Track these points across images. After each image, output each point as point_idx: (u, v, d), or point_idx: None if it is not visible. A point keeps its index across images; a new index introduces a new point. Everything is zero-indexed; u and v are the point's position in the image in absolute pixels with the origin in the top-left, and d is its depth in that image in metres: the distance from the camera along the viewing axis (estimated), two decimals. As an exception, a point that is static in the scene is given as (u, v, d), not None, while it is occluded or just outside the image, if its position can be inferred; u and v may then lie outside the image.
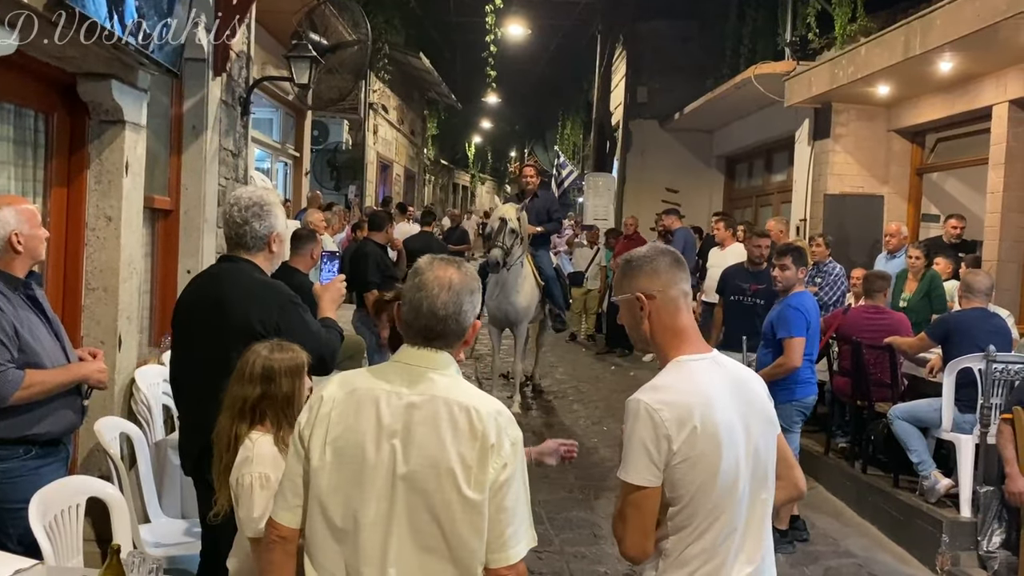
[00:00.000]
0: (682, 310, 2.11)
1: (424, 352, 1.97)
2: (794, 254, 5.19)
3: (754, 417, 2.08)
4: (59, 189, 4.02)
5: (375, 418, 1.91)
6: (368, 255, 6.99)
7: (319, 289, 3.32)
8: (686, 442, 1.94)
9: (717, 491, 1.97)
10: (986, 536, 4.84)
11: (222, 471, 2.59)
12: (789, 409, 5.06)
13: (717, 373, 2.07)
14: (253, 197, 3.05)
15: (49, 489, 2.86)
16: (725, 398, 2.03)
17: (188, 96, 5.28)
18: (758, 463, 2.07)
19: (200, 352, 2.95)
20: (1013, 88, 7.35)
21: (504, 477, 1.85)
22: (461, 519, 1.84)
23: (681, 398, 1.97)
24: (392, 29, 15.52)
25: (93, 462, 4.07)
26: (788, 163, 11.78)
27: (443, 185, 32.61)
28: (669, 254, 2.15)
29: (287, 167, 11.61)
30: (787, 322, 5.01)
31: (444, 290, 1.95)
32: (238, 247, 3.05)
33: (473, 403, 1.90)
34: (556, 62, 23.02)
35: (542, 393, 9.16)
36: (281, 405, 2.60)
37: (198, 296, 3.09)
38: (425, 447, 1.87)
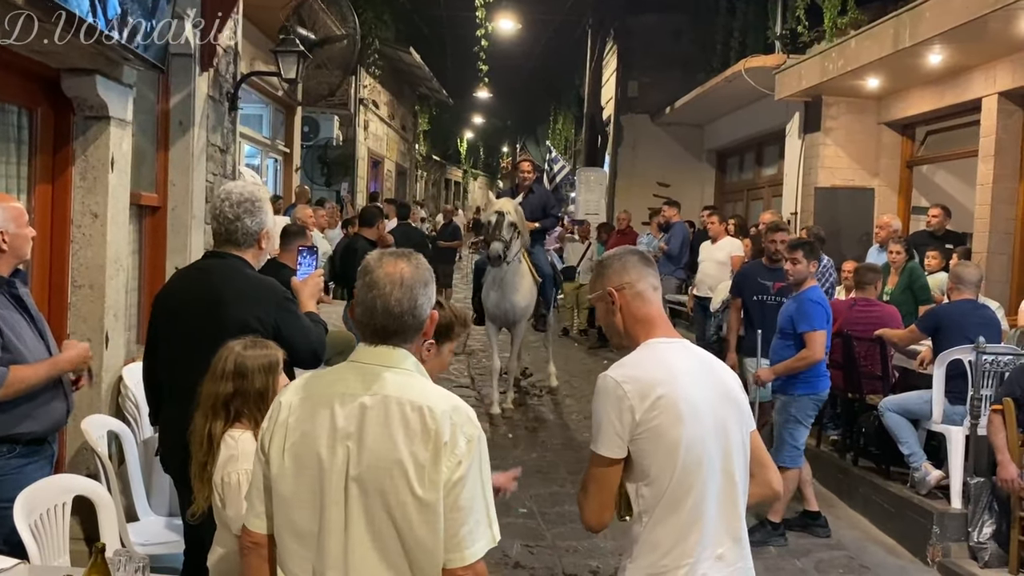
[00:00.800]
0: (651, 302, 2.25)
1: (380, 350, 1.95)
2: (805, 248, 5.21)
3: (722, 400, 2.17)
4: (44, 186, 3.98)
5: (330, 421, 1.89)
6: (358, 251, 6.97)
7: (297, 284, 3.28)
8: (648, 412, 2.06)
9: (681, 464, 2.07)
10: (976, 527, 4.86)
11: (199, 470, 2.58)
12: (806, 402, 5.12)
13: (685, 354, 2.21)
14: (244, 193, 3.01)
15: (34, 488, 2.84)
16: (691, 376, 2.15)
17: (175, 92, 5.24)
18: (728, 445, 2.14)
19: (192, 352, 2.85)
20: (1002, 80, 7.36)
21: (458, 475, 1.82)
22: (416, 520, 1.82)
23: (646, 373, 2.11)
24: (382, 24, 15.46)
25: (81, 460, 4.04)
26: (779, 156, 11.79)
27: (435, 181, 32.57)
28: (636, 253, 2.34)
29: (277, 163, 11.57)
30: (809, 316, 5.03)
31: (396, 287, 1.92)
32: (228, 243, 3.01)
33: (426, 401, 1.87)
34: (547, 57, 22.96)
35: (527, 392, 9.06)
36: (254, 401, 2.59)
37: (187, 294, 3.02)
38: (377, 448, 1.85)
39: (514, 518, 5.35)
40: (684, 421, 2.07)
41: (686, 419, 2.07)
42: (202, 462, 2.58)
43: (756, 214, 11.20)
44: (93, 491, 3.09)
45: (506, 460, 6.16)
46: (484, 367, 10.28)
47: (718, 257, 8.92)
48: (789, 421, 5.13)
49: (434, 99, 24.47)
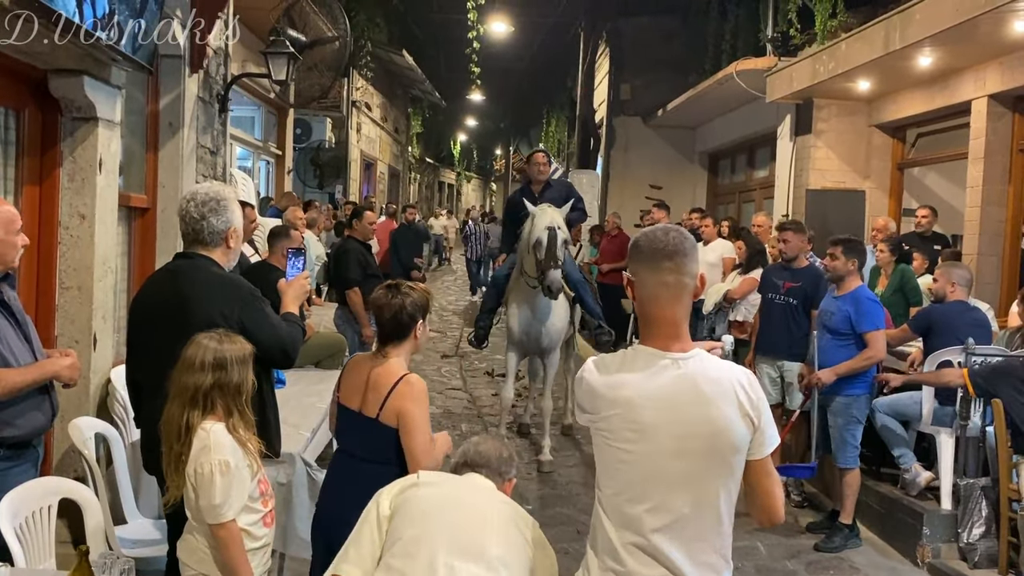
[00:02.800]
0: (660, 300, 2.05)
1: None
2: (845, 244, 5.17)
3: (693, 430, 1.99)
4: (31, 187, 3.97)
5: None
6: (349, 252, 6.98)
7: (283, 285, 3.32)
8: (599, 416, 2.05)
9: (630, 473, 2.01)
10: (966, 528, 4.87)
11: (174, 460, 2.63)
12: (865, 400, 5.16)
13: (667, 374, 2.01)
14: (209, 192, 3.05)
15: (20, 491, 2.82)
16: (655, 399, 1.99)
17: (164, 93, 5.24)
18: (688, 477, 1.99)
19: (161, 350, 2.90)
20: (992, 82, 7.38)
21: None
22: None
23: (608, 387, 2.04)
24: (375, 26, 15.44)
25: (68, 463, 4.03)
26: (770, 158, 11.81)
27: (428, 183, 32.55)
28: (659, 240, 2.06)
29: (269, 165, 11.54)
30: (871, 315, 5.04)
31: (487, 442, 2.61)
32: (195, 243, 3.04)
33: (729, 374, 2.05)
34: (540, 59, 22.98)
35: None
36: (232, 393, 2.66)
37: (157, 295, 3.06)
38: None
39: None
40: (630, 443, 2.00)
41: (632, 442, 2.00)
42: (178, 453, 2.63)
43: (748, 216, 11.20)
44: (79, 494, 3.07)
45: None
46: (476, 368, 10.31)
47: (709, 259, 8.91)
48: (851, 422, 5.11)
49: (427, 101, 24.47)
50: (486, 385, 9.46)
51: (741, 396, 2.01)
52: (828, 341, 5.19)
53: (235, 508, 2.58)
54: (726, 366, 2.08)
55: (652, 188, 14.64)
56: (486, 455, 2.61)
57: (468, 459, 2.61)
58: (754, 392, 2.03)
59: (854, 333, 5.07)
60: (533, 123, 30.79)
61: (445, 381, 9.49)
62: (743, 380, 2.04)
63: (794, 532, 5.41)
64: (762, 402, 2.05)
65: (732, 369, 2.07)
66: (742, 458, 2.03)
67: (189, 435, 2.61)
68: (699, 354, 2.05)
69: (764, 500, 2.09)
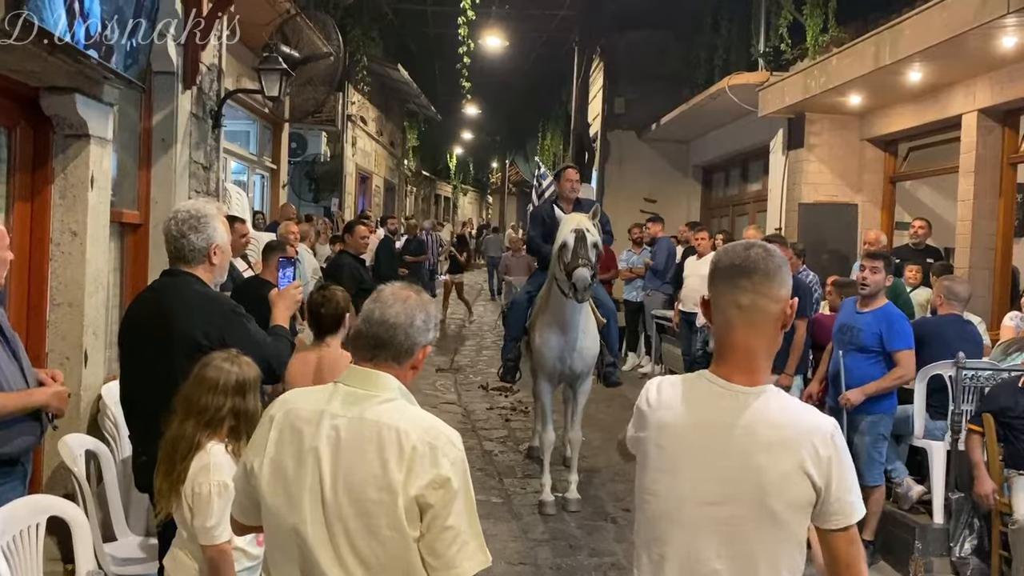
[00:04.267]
0: (733, 324, 1.80)
1: (366, 372, 1.97)
2: (886, 259, 5.15)
3: (735, 475, 1.76)
4: (22, 204, 3.97)
5: (306, 440, 1.92)
6: (343, 267, 6.97)
7: (274, 295, 3.33)
8: (636, 437, 1.93)
9: (656, 507, 1.84)
10: (958, 542, 4.87)
11: (176, 479, 2.61)
12: (888, 418, 5.08)
13: (719, 405, 1.80)
14: (191, 210, 3.06)
15: (7, 509, 2.81)
16: (696, 429, 1.80)
17: (157, 110, 5.26)
18: (724, 529, 1.77)
19: (146, 367, 2.96)
20: (982, 97, 7.43)
21: (443, 496, 1.84)
22: (391, 539, 1.84)
23: (661, 399, 1.88)
24: (370, 41, 15.51)
25: (58, 480, 4.01)
26: (763, 172, 11.86)
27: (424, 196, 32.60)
28: (738, 256, 1.82)
29: (264, 179, 11.56)
30: (903, 334, 4.98)
31: (399, 302, 1.99)
32: (178, 260, 3.06)
33: (403, 424, 1.89)
34: (535, 73, 23.08)
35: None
36: (248, 419, 2.67)
37: (141, 312, 3.09)
38: (351, 468, 1.87)
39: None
40: (664, 472, 1.84)
41: (665, 472, 1.83)
42: (180, 472, 2.64)
43: (742, 229, 11.25)
44: (67, 512, 3.06)
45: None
46: (471, 382, 10.31)
47: (703, 272, 8.86)
48: (878, 440, 5.04)
49: (423, 115, 24.54)
50: (481, 399, 9.46)
51: (806, 451, 1.72)
52: (854, 359, 5.09)
53: (229, 530, 2.56)
54: (803, 412, 1.80)
55: (647, 201, 14.68)
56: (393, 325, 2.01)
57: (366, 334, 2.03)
58: (827, 450, 1.73)
59: (883, 351, 5.00)
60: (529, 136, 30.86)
61: (439, 395, 9.48)
62: (820, 433, 1.75)
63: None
64: (836, 464, 1.74)
65: (811, 417, 1.79)
66: (804, 520, 1.75)
67: (196, 453, 2.63)
68: (770, 391, 1.79)
69: (845, 573, 1.78)
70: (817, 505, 1.75)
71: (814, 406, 5.39)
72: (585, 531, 5.46)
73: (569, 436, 6.27)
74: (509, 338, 6.60)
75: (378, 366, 1.97)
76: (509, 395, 9.32)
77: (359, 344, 1.99)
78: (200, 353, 2.82)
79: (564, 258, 5.52)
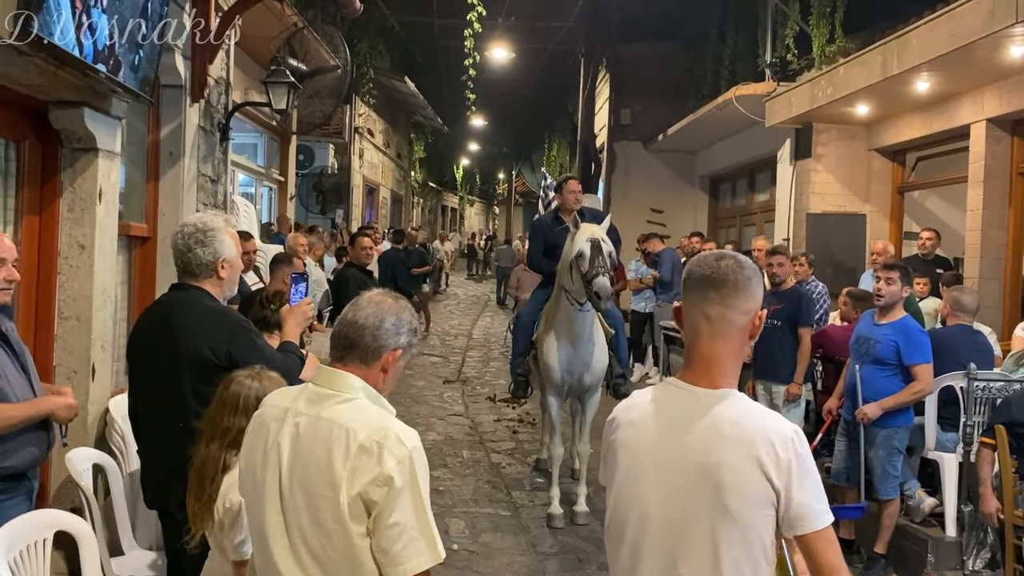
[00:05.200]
0: (700, 334, 1.82)
1: (334, 373, 2.05)
2: (903, 270, 5.11)
3: (694, 472, 1.76)
4: (31, 217, 3.98)
5: (271, 435, 2.03)
6: (349, 279, 7.00)
7: (285, 311, 3.33)
8: (611, 439, 1.93)
9: (622, 508, 1.84)
10: (971, 555, 4.82)
11: (207, 500, 2.59)
12: (904, 431, 5.03)
13: (681, 404, 1.82)
14: (198, 223, 3.06)
15: (15, 524, 2.80)
16: (658, 428, 1.82)
17: (165, 123, 5.27)
18: (684, 530, 1.76)
19: (153, 382, 2.95)
20: (990, 106, 7.41)
21: (386, 493, 1.89)
22: (337, 536, 1.91)
23: (628, 404, 1.94)
24: (377, 54, 15.59)
25: (65, 494, 4.00)
26: (771, 182, 11.84)
27: (431, 208, 32.68)
28: (708, 267, 1.84)
29: (272, 192, 11.59)
30: (921, 347, 4.93)
31: (372, 305, 2.08)
32: (186, 274, 3.06)
33: (354, 424, 1.95)
34: (541, 85, 23.15)
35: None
36: None
37: (148, 326, 3.09)
38: (304, 465, 1.96)
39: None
40: (623, 472, 1.86)
41: (625, 471, 1.85)
42: (210, 494, 2.61)
43: (749, 240, 11.22)
44: (74, 526, 3.05)
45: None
46: (478, 394, 10.28)
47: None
48: (893, 453, 4.99)
49: (429, 127, 24.62)
50: (488, 410, 9.43)
51: (763, 448, 1.71)
52: (870, 371, 5.04)
53: None
54: (766, 414, 1.80)
55: (653, 212, 14.68)
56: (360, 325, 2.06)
57: (337, 335, 2.10)
58: (786, 453, 1.72)
59: (900, 364, 4.94)
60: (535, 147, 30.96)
61: (447, 407, 9.45)
62: (780, 435, 1.73)
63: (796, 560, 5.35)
64: (797, 468, 1.72)
65: (770, 419, 1.78)
66: (765, 521, 1.73)
67: (222, 476, 2.59)
68: (733, 395, 1.80)
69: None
70: (779, 509, 1.73)
71: (835, 421, 5.28)
72: (594, 544, 5.42)
73: (578, 449, 6.18)
74: (516, 353, 6.53)
75: (347, 367, 2.04)
76: (516, 407, 9.29)
77: (333, 344, 2.08)
78: (206, 368, 2.80)
79: (581, 267, 5.41)
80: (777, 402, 5.90)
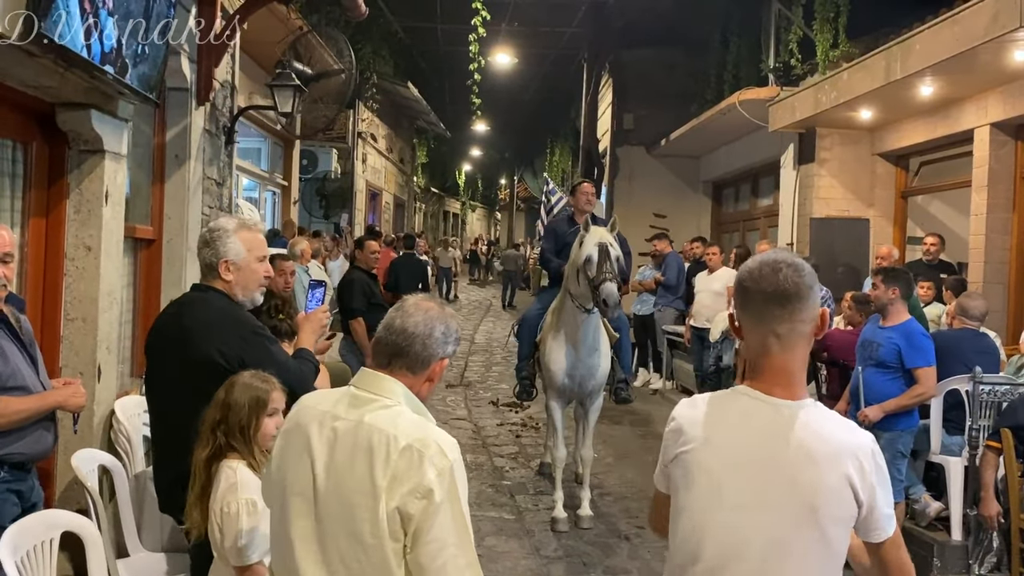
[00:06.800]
0: (770, 351, 1.77)
1: (376, 376, 1.99)
2: (885, 273, 5.15)
3: (781, 488, 1.71)
4: (37, 219, 3.98)
5: (305, 440, 1.96)
6: (354, 282, 7.00)
7: (300, 319, 3.31)
8: (672, 456, 1.84)
9: (696, 524, 1.76)
10: (978, 559, 4.81)
11: (193, 497, 2.61)
12: (908, 435, 5.02)
13: (762, 417, 1.75)
14: (212, 224, 3.07)
15: (21, 524, 2.81)
16: (739, 443, 1.75)
17: (171, 125, 5.28)
18: (767, 543, 1.71)
19: (164, 383, 2.95)
20: (994, 111, 7.41)
21: (426, 506, 1.81)
22: (373, 547, 1.83)
23: (697, 414, 1.82)
24: (380, 59, 15.62)
25: (71, 495, 3.99)
26: (774, 187, 11.84)
27: (433, 213, 32.69)
28: (769, 282, 1.75)
29: (275, 196, 11.61)
30: (923, 351, 4.93)
31: (420, 312, 2.02)
32: (205, 275, 3.06)
33: (395, 430, 1.88)
34: (544, 90, 23.18)
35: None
36: (238, 433, 2.63)
37: (165, 327, 3.07)
38: (342, 472, 1.89)
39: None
40: (699, 486, 1.77)
41: (702, 486, 1.77)
42: (191, 487, 2.62)
43: (753, 244, 11.22)
44: (81, 527, 3.05)
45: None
46: (481, 398, 10.27)
47: (714, 287, 8.94)
48: (897, 457, 4.96)
49: (432, 132, 24.64)
50: (491, 415, 9.42)
51: (853, 465, 1.70)
52: (873, 374, 5.05)
53: (260, 550, 2.50)
54: (847, 427, 1.77)
55: (656, 217, 14.68)
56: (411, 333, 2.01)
57: (384, 342, 2.03)
58: (870, 465, 1.71)
59: (902, 367, 4.94)
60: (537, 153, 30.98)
61: (450, 411, 9.44)
62: (864, 449, 1.72)
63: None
64: (879, 479, 1.73)
65: (854, 431, 1.76)
66: (846, 536, 1.74)
67: (204, 471, 2.60)
68: (811, 404, 1.77)
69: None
70: (859, 520, 1.73)
71: None
72: (599, 548, 5.41)
73: (581, 453, 6.16)
74: (521, 356, 6.51)
75: (392, 373, 1.99)
76: (519, 411, 9.28)
77: (377, 351, 2.02)
78: (217, 372, 2.77)
79: (588, 272, 5.39)
80: None
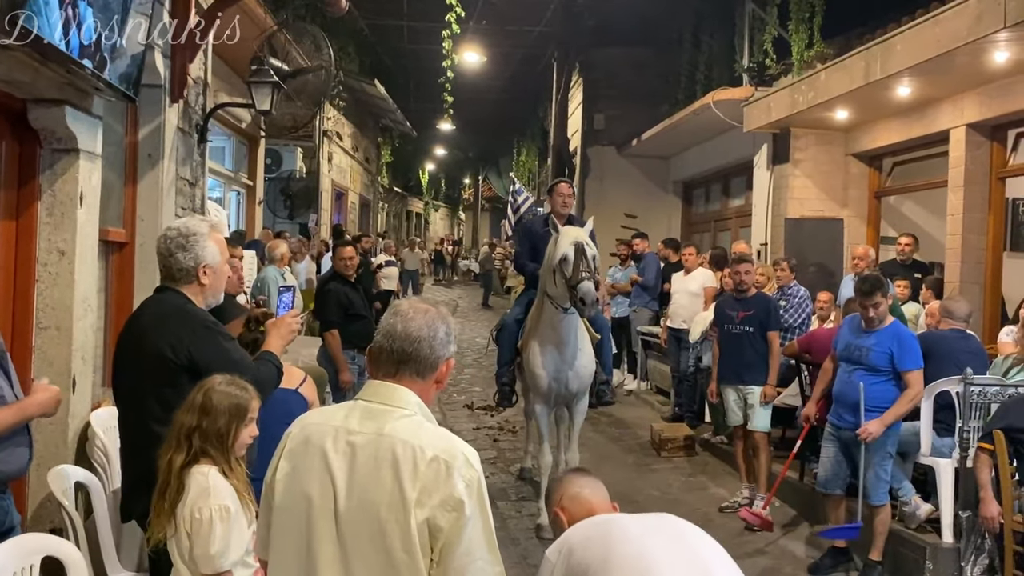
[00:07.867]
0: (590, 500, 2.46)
1: (386, 387, 1.92)
2: (876, 284, 5.11)
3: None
4: (7, 222, 3.75)
5: (320, 456, 1.87)
6: (329, 292, 6.69)
7: (269, 324, 3.27)
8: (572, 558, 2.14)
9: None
10: (969, 562, 4.78)
11: (167, 508, 2.53)
12: (893, 437, 5.02)
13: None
14: (181, 228, 2.99)
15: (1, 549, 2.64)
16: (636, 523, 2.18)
17: (144, 123, 5.06)
18: None
19: (122, 387, 2.93)
20: (970, 112, 7.46)
21: (457, 518, 1.77)
22: (404, 560, 1.77)
23: (575, 530, 2.21)
24: (346, 56, 15.38)
25: (44, 514, 3.79)
26: (746, 188, 11.87)
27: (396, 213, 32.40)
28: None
29: (240, 196, 11.35)
30: (914, 353, 4.95)
31: (420, 314, 1.95)
32: (167, 278, 3.00)
33: (420, 441, 1.83)
34: (511, 89, 23.05)
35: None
36: (214, 440, 2.57)
37: (126, 331, 3.03)
38: (366, 486, 1.81)
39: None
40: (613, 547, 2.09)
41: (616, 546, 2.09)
42: (161, 492, 2.54)
43: (724, 245, 11.23)
44: (62, 552, 2.90)
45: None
46: (455, 401, 10.12)
47: (691, 288, 8.90)
48: (885, 458, 4.99)
49: (397, 131, 24.40)
50: (466, 419, 9.29)
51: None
52: (865, 376, 5.02)
53: (233, 557, 2.47)
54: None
55: (627, 217, 14.65)
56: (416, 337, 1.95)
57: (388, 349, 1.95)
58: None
59: (892, 370, 4.96)
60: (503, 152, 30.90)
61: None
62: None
63: (792, 569, 5.31)
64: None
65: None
66: None
67: (171, 476, 2.53)
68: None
69: None
70: None
71: (812, 425, 5.38)
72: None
73: (566, 457, 6.03)
74: (502, 362, 6.36)
75: (401, 381, 1.92)
76: (495, 415, 9.16)
77: (381, 359, 1.94)
78: (166, 368, 2.75)
79: (565, 271, 5.32)
80: (752, 402, 6.17)
